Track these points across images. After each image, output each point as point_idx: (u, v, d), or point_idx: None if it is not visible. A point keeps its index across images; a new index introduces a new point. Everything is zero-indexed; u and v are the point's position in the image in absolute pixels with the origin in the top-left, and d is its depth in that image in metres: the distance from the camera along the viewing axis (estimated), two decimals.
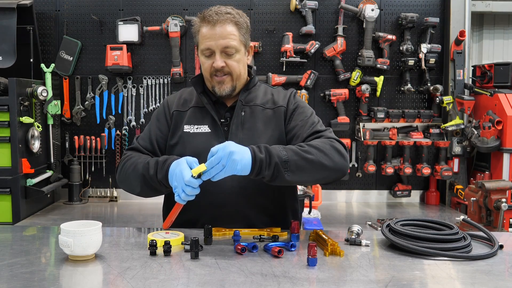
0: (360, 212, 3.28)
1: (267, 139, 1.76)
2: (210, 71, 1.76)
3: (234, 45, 1.74)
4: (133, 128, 3.43)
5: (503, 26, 4.31)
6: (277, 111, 1.82)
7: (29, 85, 2.99)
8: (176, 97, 1.92)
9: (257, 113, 1.81)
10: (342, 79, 3.36)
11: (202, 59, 1.79)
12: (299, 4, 3.34)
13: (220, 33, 1.72)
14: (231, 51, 1.75)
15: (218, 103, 1.85)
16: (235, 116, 1.79)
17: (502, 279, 1.29)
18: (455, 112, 3.36)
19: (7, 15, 3.10)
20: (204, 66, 1.78)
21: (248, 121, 1.80)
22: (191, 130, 1.80)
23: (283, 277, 1.27)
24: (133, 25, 3.32)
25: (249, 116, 1.81)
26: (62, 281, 1.29)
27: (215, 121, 1.79)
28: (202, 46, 1.75)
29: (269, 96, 1.87)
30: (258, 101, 1.84)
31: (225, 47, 1.73)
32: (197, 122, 1.81)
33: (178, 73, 3.33)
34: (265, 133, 1.78)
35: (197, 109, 1.84)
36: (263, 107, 1.83)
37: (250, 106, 1.82)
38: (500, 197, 2.53)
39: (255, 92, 1.87)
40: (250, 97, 1.85)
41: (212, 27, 1.72)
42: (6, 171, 2.84)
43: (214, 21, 1.72)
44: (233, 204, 1.74)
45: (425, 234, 1.49)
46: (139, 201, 3.36)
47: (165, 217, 1.90)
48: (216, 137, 1.77)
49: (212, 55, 1.75)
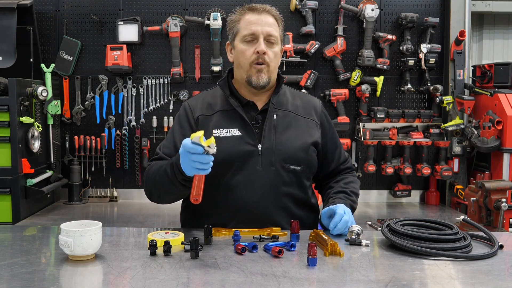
0: (360, 212, 3.27)
1: (299, 146, 1.79)
2: (251, 58, 1.76)
3: (277, 35, 1.79)
4: (133, 128, 3.43)
5: (503, 26, 4.31)
6: (310, 123, 1.86)
7: (29, 85, 2.99)
8: (198, 101, 1.88)
9: (290, 118, 1.84)
10: (342, 79, 3.36)
11: (242, 46, 1.78)
12: (299, 4, 3.34)
13: (266, 21, 1.77)
14: (274, 40, 1.78)
15: (248, 106, 1.83)
16: (267, 119, 1.79)
17: (502, 279, 1.29)
18: (455, 112, 3.36)
19: (7, 15, 3.10)
20: (245, 54, 1.77)
21: (280, 125, 1.81)
22: (221, 134, 1.77)
23: (283, 277, 1.27)
24: (133, 25, 3.31)
25: (281, 120, 1.82)
26: (62, 281, 1.29)
27: (246, 124, 1.78)
28: (246, 31, 1.77)
29: (298, 102, 1.89)
30: (289, 105, 1.86)
31: (269, 34, 1.76)
32: (227, 125, 1.79)
33: (178, 73, 3.32)
34: (298, 140, 1.80)
35: (224, 112, 1.82)
36: (295, 114, 1.85)
37: (282, 110, 1.84)
38: (500, 197, 2.53)
39: (284, 96, 1.89)
40: (281, 100, 1.86)
41: (258, 15, 1.77)
42: (6, 171, 2.84)
43: (260, 10, 1.78)
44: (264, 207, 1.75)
45: (425, 234, 1.49)
46: (139, 201, 3.36)
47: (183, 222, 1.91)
48: (248, 140, 1.77)
49: (254, 42, 1.76)
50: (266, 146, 1.76)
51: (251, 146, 1.76)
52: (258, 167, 1.75)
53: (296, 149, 1.79)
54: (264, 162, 1.75)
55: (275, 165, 1.76)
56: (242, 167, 1.75)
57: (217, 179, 1.71)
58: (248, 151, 1.75)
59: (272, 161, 1.76)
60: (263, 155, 1.76)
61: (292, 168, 1.78)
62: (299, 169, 1.80)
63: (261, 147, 1.76)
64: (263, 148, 1.76)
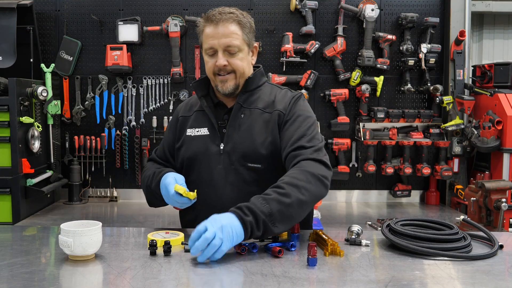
0: (360, 212, 3.27)
1: (261, 142, 1.76)
2: (213, 70, 1.78)
3: (237, 44, 1.76)
4: (133, 128, 3.43)
5: (503, 26, 4.31)
6: (273, 115, 1.79)
7: (29, 85, 2.99)
8: (185, 102, 1.99)
9: (256, 116, 1.80)
10: (342, 79, 3.36)
11: (206, 58, 1.81)
12: (299, 4, 3.34)
13: (222, 32, 1.74)
14: (234, 50, 1.76)
15: (219, 106, 1.86)
16: (232, 118, 1.80)
17: (502, 279, 1.29)
18: (455, 112, 3.36)
19: (7, 15, 3.10)
20: (208, 65, 1.80)
21: (245, 123, 1.80)
22: (192, 133, 1.85)
23: (283, 277, 1.27)
24: (133, 25, 3.31)
25: (247, 118, 1.80)
26: (62, 281, 1.29)
27: (212, 124, 1.82)
28: (206, 45, 1.78)
29: (272, 98, 1.84)
30: (259, 103, 1.83)
31: (227, 46, 1.74)
32: (199, 125, 1.86)
33: (178, 73, 3.32)
34: (261, 136, 1.77)
35: (200, 113, 1.88)
36: (262, 111, 1.81)
37: (250, 109, 1.82)
38: (500, 197, 2.53)
39: (258, 94, 1.85)
40: (252, 99, 1.83)
41: (215, 27, 1.75)
42: (6, 171, 2.84)
43: (217, 20, 1.75)
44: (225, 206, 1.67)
45: (425, 234, 1.49)
46: (139, 201, 3.36)
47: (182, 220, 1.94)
48: (213, 139, 1.81)
49: (215, 54, 1.76)
50: (228, 145, 1.78)
51: (215, 145, 1.80)
52: (219, 166, 1.78)
53: (256, 146, 1.76)
54: (225, 161, 1.78)
55: (234, 164, 1.76)
56: (206, 165, 1.80)
57: (186, 177, 1.79)
58: (212, 150, 1.80)
59: (232, 160, 1.77)
60: (225, 154, 1.78)
61: (252, 166, 1.75)
62: (259, 166, 1.75)
63: (223, 146, 1.78)
64: (225, 147, 1.78)
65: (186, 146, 1.85)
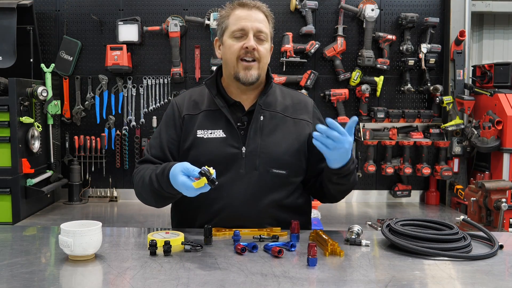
0: (360, 212, 3.27)
1: (285, 149, 1.75)
2: (239, 53, 1.71)
3: (267, 32, 1.75)
4: (133, 128, 3.42)
5: (503, 26, 4.31)
6: (299, 124, 1.80)
7: (29, 85, 2.99)
8: (185, 99, 1.84)
9: (277, 120, 1.78)
10: (342, 79, 3.36)
11: (231, 41, 1.73)
12: (299, 4, 3.34)
13: (256, 17, 1.73)
14: (263, 36, 1.74)
15: (235, 106, 1.78)
16: (253, 121, 1.74)
17: (502, 279, 1.29)
18: (455, 112, 3.36)
19: (7, 15, 3.10)
20: (233, 48, 1.72)
21: (267, 127, 1.76)
22: (205, 135, 1.74)
23: (283, 277, 1.27)
24: (133, 25, 3.31)
25: (268, 121, 1.77)
26: (62, 281, 1.29)
27: (230, 125, 1.74)
28: (235, 27, 1.72)
29: (289, 102, 1.83)
30: (277, 106, 1.80)
31: (259, 30, 1.73)
32: (211, 126, 1.75)
33: (178, 73, 3.32)
34: (284, 143, 1.75)
35: (209, 112, 1.77)
36: (283, 115, 1.79)
37: (269, 111, 1.78)
38: (500, 197, 2.53)
39: (273, 95, 1.82)
40: (269, 100, 1.80)
41: (248, 10, 1.74)
42: (6, 171, 2.84)
43: (250, 6, 1.75)
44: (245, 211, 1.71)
45: (425, 234, 1.49)
46: (139, 201, 3.33)
47: (173, 219, 1.90)
48: (232, 142, 1.73)
49: (244, 37, 1.72)
50: (250, 149, 1.72)
51: (235, 148, 1.72)
52: (241, 170, 1.71)
53: (281, 152, 1.74)
54: (247, 165, 1.71)
55: (258, 169, 1.71)
56: (225, 170, 1.70)
57: None
58: (232, 153, 1.71)
59: (255, 165, 1.72)
60: (247, 158, 1.71)
61: (276, 172, 1.73)
62: (284, 173, 1.74)
63: (245, 150, 1.71)
64: (247, 151, 1.71)
65: (199, 149, 1.74)
